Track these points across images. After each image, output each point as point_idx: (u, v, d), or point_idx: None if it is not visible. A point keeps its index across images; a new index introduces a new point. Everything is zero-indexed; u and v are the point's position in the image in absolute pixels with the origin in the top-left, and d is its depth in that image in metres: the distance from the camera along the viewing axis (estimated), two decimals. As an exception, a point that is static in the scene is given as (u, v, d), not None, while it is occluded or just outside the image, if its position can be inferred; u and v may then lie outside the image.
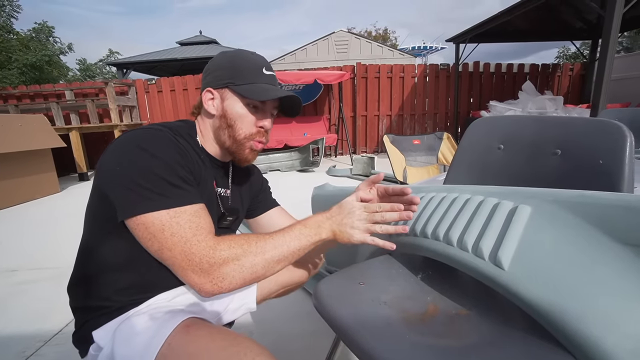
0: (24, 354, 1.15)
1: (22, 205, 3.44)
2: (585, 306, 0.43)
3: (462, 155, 0.98)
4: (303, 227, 0.61)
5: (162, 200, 0.54)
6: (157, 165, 0.55)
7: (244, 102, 0.66)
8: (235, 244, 0.56)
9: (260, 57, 0.71)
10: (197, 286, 0.54)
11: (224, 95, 0.67)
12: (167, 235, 0.54)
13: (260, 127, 0.69)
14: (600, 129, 0.71)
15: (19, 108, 5.27)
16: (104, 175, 0.58)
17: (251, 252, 0.56)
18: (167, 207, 0.54)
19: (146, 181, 0.54)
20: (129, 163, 0.55)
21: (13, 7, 13.36)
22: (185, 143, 0.64)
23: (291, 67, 9.58)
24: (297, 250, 0.60)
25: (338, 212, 0.62)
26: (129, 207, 0.54)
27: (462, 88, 6.25)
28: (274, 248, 0.58)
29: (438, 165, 3.41)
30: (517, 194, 0.58)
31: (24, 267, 1.87)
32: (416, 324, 0.54)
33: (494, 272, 0.50)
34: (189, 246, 0.54)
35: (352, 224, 0.60)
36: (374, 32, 27.40)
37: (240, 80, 0.66)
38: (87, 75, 20.14)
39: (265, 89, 0.66)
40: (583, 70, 6.52)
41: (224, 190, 0.76)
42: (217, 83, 0.67)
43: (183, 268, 0.54)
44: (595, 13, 4.62)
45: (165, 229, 0.54)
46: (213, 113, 0.68)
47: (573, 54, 17.22)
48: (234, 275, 0.54)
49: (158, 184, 0.55)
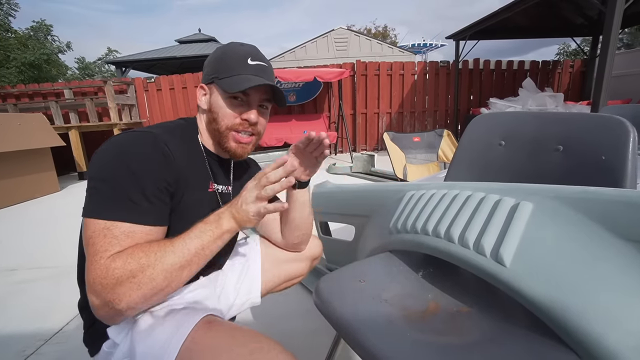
0: (24, 353, 1.15)
1: (22, 204, 3.44)
2: (588, 303, 0.42)
3: (463, 152, 0.97)
4: (203, 224, 0.58)
5: (107, 209, 0.52)
6: (122, 175, 0.53)
7: (224, 95, 0.66)
8: (132, 258, 0.51)
9: (250, 47, 0.70)
10: (94, 310, 0.51)
11: (212, 90, 0.68)
12: (89, 243, 0.51)
13: (244, 119, 0.67)
14: (603, 125, 0.70)
15: (18, 107, 5.25)
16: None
17: (149, 265, 0.51)
18: (107, 217, 0.52)
19: (104, 186, 0.53)
20: (99, 165, 0.55)
21: (11, 6, 13.30)
22: (178, 147, 0.62)
23: (291, 64, 9.55)
24: (200, 250, 0.55)
25: (236, 198, 0.60)
26: (84, 206, 0.54)
27: (462, 85, 6.23)
28: (173, 254, 0.53)
29: (438, 162, 3.41)
30: (519, 191, 0.57)
31: (23, 266, 1.87)
32: (417, 321, 0.54)
33: (496, 269, 0.50)
34: (89, 263, 0.50)
35: (245, 200, 0.58)
36: (373, 30, 27.31)
37: (223, 73, 0.66)
38: (86, 74, 20.09)
39: (243, 79, 0.65)
40: (583, 67, 6.49)
41: (225, 188, 0.75)
42: (206, 78, 0.69)
43: (86, 288, 0.51)
44: (596, 9, 4.59)
45: (92, 237, 0.51)
46: (204, 108, 0.69)
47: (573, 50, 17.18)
48: (130, 295, 0.50)
49: (112, 193, 0.53)
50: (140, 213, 0.54)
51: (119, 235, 0.52)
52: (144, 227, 0.54)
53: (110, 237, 0.51)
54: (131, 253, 0.52)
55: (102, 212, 0.52)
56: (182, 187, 0.62)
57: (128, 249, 0.52)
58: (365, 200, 0.88)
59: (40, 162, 3.78)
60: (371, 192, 0.94)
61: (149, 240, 0.55)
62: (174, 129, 0.66)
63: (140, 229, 0.54)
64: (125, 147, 0.56)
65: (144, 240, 0.54)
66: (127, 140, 0.57)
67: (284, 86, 5.60)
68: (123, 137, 0.58)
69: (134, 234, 0.53)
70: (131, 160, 0.54)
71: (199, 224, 0.58)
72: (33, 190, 3.66)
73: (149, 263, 0.51)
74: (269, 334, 0.57)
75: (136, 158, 0.55)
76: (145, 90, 6.00)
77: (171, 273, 0.53)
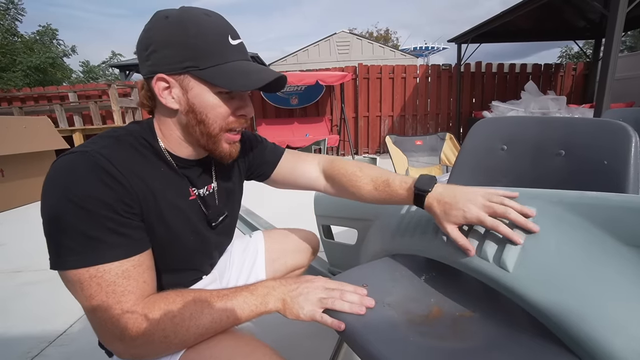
0: (28, 355, 1.15)
1: (27, 206, 3.47)
2: (591, 308, 0.42)
3: (465, 156, 0.98)
4: (249, 295, 0.53)
5: (80, 257, 0.45)
6: (73, 214, 0.45)
7: (214, 90, 0.53)
8: (166, 316, 0.46)
9: (220, 18, 0.53)
10: (117, 354, 0.48)
11: (185, 83, 0.52)
12: (85, 295, 0.45)
13: (240, 115, 0.57)
14: (605, 130, 0.70)
15: (23, 110, 5.32)
16: None
17: (183, 327, 0.47)
18: (85, 264, 0.45)
19: (61, 234, 0.45)
20: (47, 212, 0.46)
21: (17, 10, 13.48)
22: (134, 158, 0.52)
23: (293, 68, 9.60)
24: (236, 320, 0.51)
25: (294, 281, 0.57)
26: (52, 260, 0.46)
27: (464, 88, 6.23)
28: (210, 317, 0.49)
29: (440, 165, 3.40)
30: (522, 195, 0.57)
31: (28, 268, 1.88)
32: (420, 325, 0.54)
33: (499, 273, 0.50)
34: (109, 314, 0.45)
35: (306, 295, 0.54)
36: (375, 33, 27.42)
37: (205, 61, 0.50)
38: (90, 77, 20.26)
39: (243, 70, 0.53)
40: (586, 69, 6.48)
41: (206, 190, 0.65)
42: (170, 67, 0.51)
43: (102, 335, 0.47)
44: (598, 12, 4.60)
45: (84, 288, 0.45)
46: (175, 108, 0.53)
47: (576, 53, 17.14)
48: (158, 352, 0.48)
49: (75, 238, 0.45)
50: (117, 248, 0.47)
51: (116, 280, 0.46)
52: (132, 259, 0.48)
53: (106, 285, 0.45)
54: (164, 309, 0.47)
55: (78, 261, 0.45)
56: (151, 201, 0.53)
57: (160, 300, 0.48)
58: (369, 205, 0.88)
59: (45, 164, 3.81)
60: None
61: (145, 267, 0.50)
62: (123, 137, 0.54)
63: (132, 262, 0.48)
64: (62, 182, 0.46)
65: (142, 272, 0.49)
66: (61, 173, 0.47)
67: (286, 89, 5.63)
68: (57, 170, 0.48)
69: (128, 272, 0.47)
70: (74, 196, 0.45)
71: (243, 292, 0.53)
72: (37, 193, 3.65)
73: (182, 324, 0.47)
74: (271, 338, 0.57)
75: (78, 191, 0.45)
76: (149, 94, 6.04)
77: (202, 336, 0.49)
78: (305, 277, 0.59)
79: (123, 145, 0.52)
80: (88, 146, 0.50)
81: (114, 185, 0.48)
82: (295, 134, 5.60)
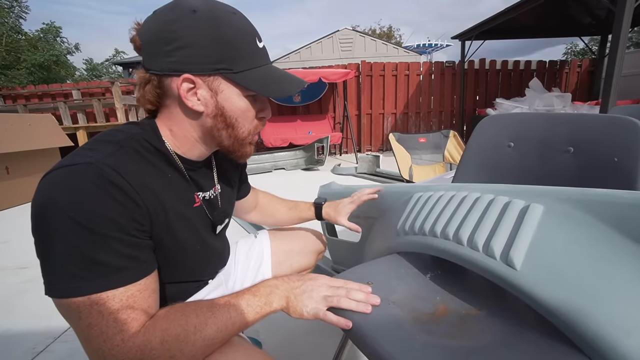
0: (34, 350, 1.16)
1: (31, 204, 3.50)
2: (601, 307, 0.41)
3: (471, 153, 0.97)
4: (252, 297, 0.51)
5: (84, 284, 0.41)
6: (77, 235, 0.40)
7: (244, 93, 0.51)
8: (169, 335, 0.43)
9: (245, 19, 0.51)
10: None
11: (215, 85, 0.49)
12: (83, 325, 0.41)
13: (261, 117, 0.57)
14: (614, 125, 0.69)
15: (28, 107, 5.34)
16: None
17: (188, 343, 0.44)
18: (88, 292, 0.41)
19: (61, 257, 0.41)
20: (44, 232, 0.41)
21: (22, 8, 13.53)
22: (139, 164, 0.48)
23: (296, 65, 9.57)
24: (242, 325, 0.49)
25: (298, 278, 0.56)
26: (47, 286, 0.42)
27: (468, 85, 6.19)
28: (215, 326, 0.46)
29: (444, 163, 3.39)
30: (529, 193, 0.57)
31: (33, 264, 1.89)
32: (426, 324, 0.53)
33: (506, 271, 0.49)
34: (109, 345, 0.41)
35: (310, 293, 0.53)
36: (378, 30, 27.26)
37: (239, 64, 0.49)
38: (94, 75, 20.34)
39: (273, 76, 0.53)
40: (591, 66, 6.41)
41: (211, 193, 0.63)
42: (200, 67, 0.47)
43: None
44: (604, 8, 4.53)
45: (82, 317, 0.41)
46: (200, 111, 0.50)
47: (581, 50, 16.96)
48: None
49: (77, 263, 0.41)
50: (123, 273, 0.43)
51: (119, 309, 0.42)
52: (138, 284, 0.45)
53: (108, 314, 0.41)
54: (167, 329, 0.44)
55: (80, 289, 0.41)
56: (161, 215, 0.50)
57: (160, 320, 0.45)
58: (372, 202, 0.87)
59: (49, 161, 3.83)
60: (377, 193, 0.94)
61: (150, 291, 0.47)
62: (125, 141, 0.49)
63: (138, 286, 0.45)
64: (64, 200, 0.41)
65: (147, 297, 0.46)
66: (63, 189, 0.42)
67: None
68: (57, 186, 0.42)
69: (134, 297, 0.44)
70: (80, 215, 0.40)
71: (245, 294, 0.51)
72: (42, 190, 3.71)
73: (187, 340, 0.44)
74: (276, 335, 0.57)
75: (85, 210, 0.41)
76: (152, 91, 6.05)
77: (210, 347, 0.46)
78: (309, 275, 0.58)
79: (128, 152, 0.48)
80: (89, 155, 0.44)
81: (125, 201, 0.44)
82: (298, 131, 5.59)
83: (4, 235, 2.49)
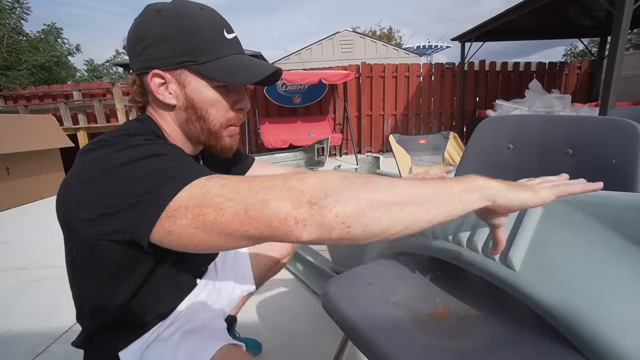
0: (34, 351, 1.16)
1: (31, 204, 3.50)
2: (600, 307, 0.42)
3: (471, 155, 0.97)
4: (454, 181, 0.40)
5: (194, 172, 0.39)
6: (152, 163, 0.40)
7: (212, 84, 0.52)
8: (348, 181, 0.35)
9: (214, 12, 0.52)
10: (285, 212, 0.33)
11: (182, 78, 0.51)
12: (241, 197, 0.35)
13: (239, 109, 0.56)
14: (613, 128, 0.70)
15: (28, 108, 5.35)
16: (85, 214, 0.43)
17: (380, 185, 0.36)
18: (205, 174, 0.39)
19: (150, 181, 0.38)
20: (120, 182, 0.39)
21: (23, 9, 13.56)
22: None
23: (296, 67, 9.58)
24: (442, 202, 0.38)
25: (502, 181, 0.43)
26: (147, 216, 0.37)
27: (468, 87, 6.20)
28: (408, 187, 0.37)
29: (444, 164, 3.39)
30: (528, 194, 0.57)
31: (33, 265, 1.89)
32: (426, 324, 0.54)
33: (505, 273, 0.50)
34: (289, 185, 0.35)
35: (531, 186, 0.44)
36: (378, 32, 27.32)
37: (202, 56, 0.49)
38: (95, 76, 20.38)
39: (241, 64, 0.52)
40: (591, 68, 6.42)
41: None
42: (165, 62, 0.49)
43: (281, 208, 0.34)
44: (603, 10, 4.55)
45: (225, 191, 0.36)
46: (172, 104, 0.52)
47: (581, 51, 16.99)
48: (352, 217, 0.33)
49: (175, 166, 0.40)
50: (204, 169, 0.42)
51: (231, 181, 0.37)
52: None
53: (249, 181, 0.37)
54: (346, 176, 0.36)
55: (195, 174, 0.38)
56: None
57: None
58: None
59: (49, 162, 3.84)
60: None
61: None
62: (139, 130, 0.51)
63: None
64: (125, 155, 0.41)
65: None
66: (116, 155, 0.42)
67: (290, 88, 5.62)
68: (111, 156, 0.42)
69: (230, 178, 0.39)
70: (143, 154, 0.41)
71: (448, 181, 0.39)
72: (42, 190, 3.71)
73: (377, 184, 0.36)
74: (276, 336, 0.57)
75: (143, 150, 0.42)
76: (152, 92, 6.06)
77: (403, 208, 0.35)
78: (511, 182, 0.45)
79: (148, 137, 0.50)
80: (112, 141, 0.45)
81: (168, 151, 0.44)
82: (298, 132, 5.60)
83: (4, 235, 2.49)
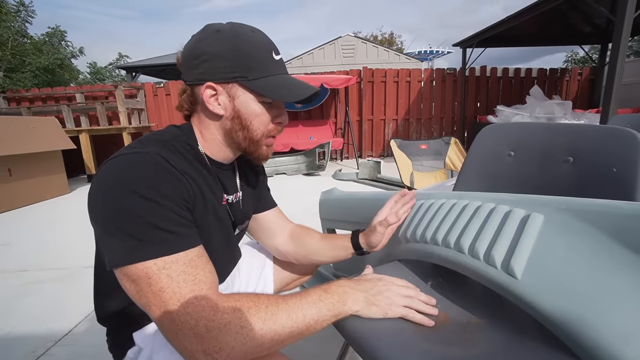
0: (34, 354, 1.16)
1: (33, 205, 3.50)
2: (601, 316, 0.42)
3: (472, 161, 0.97)
4: (323, 293, 0.51)
5: (147, 248, 0.45)
6: (141, 206, 0.46)
7: (259, 99, 0.58)
8: (242, 305, 0.46)
9: (264, 35, 0.59)
10: (188, 354, 0.44)
11: (232, 91, 0.57)
12: (154, 290, 0.44)
13: (278, 122, 0.63)
14: (614, 137, 0.70)
15: (31, 110, 5.38)
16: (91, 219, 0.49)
17: (259, 319, 0.45)
18: (153, 256, 0.45)
19: (128, 226, 0.46)
20: (112, 206, 0.46)
21: (28, 12, 13.68)
22: (182, 160, 0.55)
23: (298, 71, 9.64)
24: (314, 321, 0.49)
25: (366, 280, 0.58)
26: (110, 257, 0.47)
27: (469, 93, 6.22)
28: (288, 315, 0.47)
29: (445, 170, 3.40)
30: (529, 202, 0.57)
31: (34, 267, 1.90)
32: (427, 331, 0.54)
33: (507, 280, 0.50)
34: (183, 305, 0.44)
35: (390, 296, 0.54)
36: (380, 37, 27.47)
37: (253, 73, 0.56)
38: (97, 79, 20.47)
39: (285, 83, 0.59)
40: (592, 74, 6.45)
41: (234, 196, 0.69)
42: (220, 76, 0.56)
43: (173, 331, 0.44)
44: (604, 17, 4.58)
45: (153, 283, 0.45)
46: (220, 114, 0.59)
47: (581, 58, 17.05)
48: (234, 347, 0.43)
49: (142, 229, 0.46)
50: (183, 238, 0.49)
51: (185, 269, 0.46)
52: (196, 251, 0.50)
53: (176, 275, 0.45)
54: (238, 299, 0.47)
55: (146, 253, 0.45)
56: (200, 201, 0.57)
57: (230, 295, 0.47)
58: (374, 209, 0.88)
59: (51, 164, 3.85)
60: (380, 200, 0.95)
61: (206, 258, 0.51)
62: (170, 141, 0.57)
63: (193, 254, 0.49)
64: (128, 178, 0.47)
65: (206, 264, 0.50)
66: (126, 169, 0.49)
67: (291, 92, 5.65)
68: (119, 168, 0.49)
69: (194, 261, 0.48)
70: (143, 190, 0.47)
71: (316, 290, 0.52)
72: (44, 192, 3.72)
73: (259, 316, 0.46)
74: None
75: (147, 185, 0.47)
76: (155, 95, 6.11)
77: (280, 336, 0.46)
78: (375, 276, 0.60)
79: (171, 150, 0.55)
80: (143, 148, 0.52)
81: (176, 182, 0.51)
82: (299, 136, 5.62)
83: (5, 237, 2.50)
